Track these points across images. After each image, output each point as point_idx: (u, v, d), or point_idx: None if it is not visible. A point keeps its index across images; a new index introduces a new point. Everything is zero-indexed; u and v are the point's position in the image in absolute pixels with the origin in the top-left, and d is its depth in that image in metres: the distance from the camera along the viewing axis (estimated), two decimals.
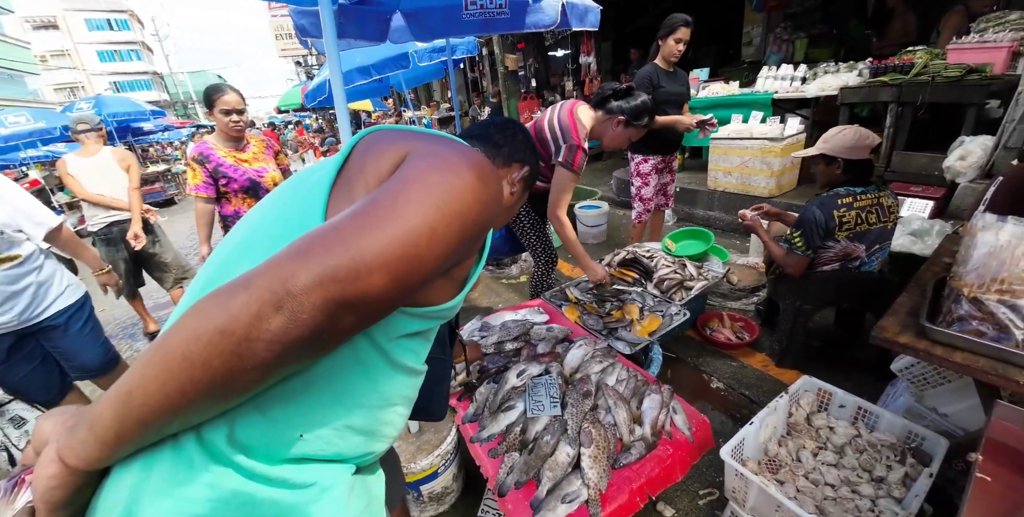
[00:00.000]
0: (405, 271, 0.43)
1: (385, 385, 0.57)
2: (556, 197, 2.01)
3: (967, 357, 0.99)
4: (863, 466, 1.29)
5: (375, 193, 0.46)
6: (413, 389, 0.64)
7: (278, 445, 0.51)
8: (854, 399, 1.43)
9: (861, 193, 1.85)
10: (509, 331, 1.80)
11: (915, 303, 1.22)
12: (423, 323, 0.58)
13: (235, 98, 2.19)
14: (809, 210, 1.86)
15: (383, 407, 0.59)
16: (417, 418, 0.94)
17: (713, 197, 4.28)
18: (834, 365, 2.20)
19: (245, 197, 2.33)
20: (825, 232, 1.86)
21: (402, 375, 0.59)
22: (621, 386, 1.54)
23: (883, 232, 1.89)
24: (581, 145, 1.90)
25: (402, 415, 0.62)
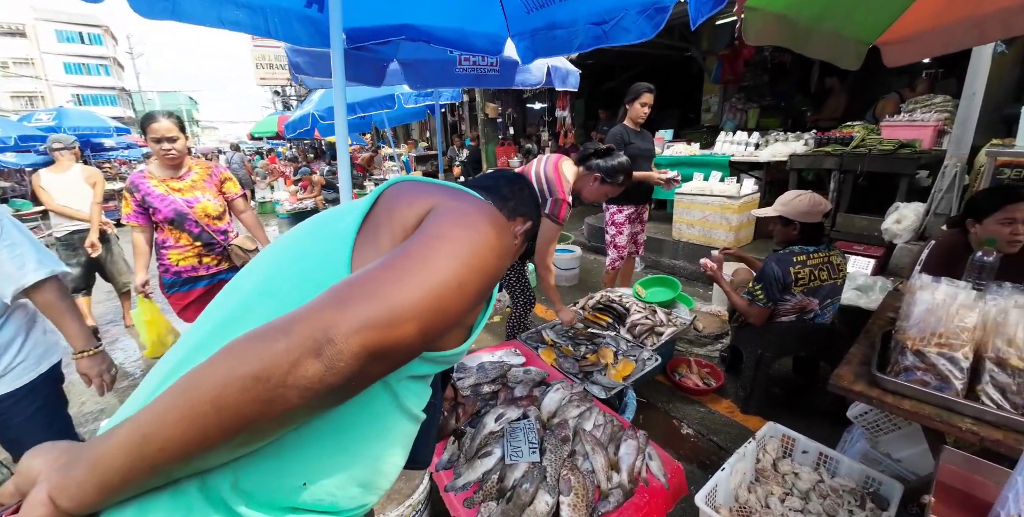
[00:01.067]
0: (434, 321, 0.46)
1: (389, 431, 0.58)
2: (543, 247, 2.12)
3: (915, 405, 1.08)
4: (827, 511, 1.34)
5: (405, 246, 0.50)
6: (410, 438, 0.64)
7: (281, 494, 0.50)
8: (815, 445, 1.50)
9: (813, 252, 2.03)
10: (487, 373, 1.80)
11: (865, 354, 1.33)
12: (432, 367, 0.60)
13: (165, 125, 2.09)
14: (768, 265, 2.03)
15: (383, 457, 0.59)
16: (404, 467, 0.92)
17: (678, 247, 4.53)
18: (795, 411, 2.29)
19: (171, 228, 2.21)
20: (783, 286, 2.02)
21: (405, 420, 0.60)
22: (598, 431, 1.55)
23: (834, 287, 2.06)
24: (565, 199, 2.03)
25: (397, 466, 0.62)
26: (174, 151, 2.14)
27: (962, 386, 1.09)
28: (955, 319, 1.17)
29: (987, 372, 1.09)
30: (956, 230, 1.99)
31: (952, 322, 1.18)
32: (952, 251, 1.95)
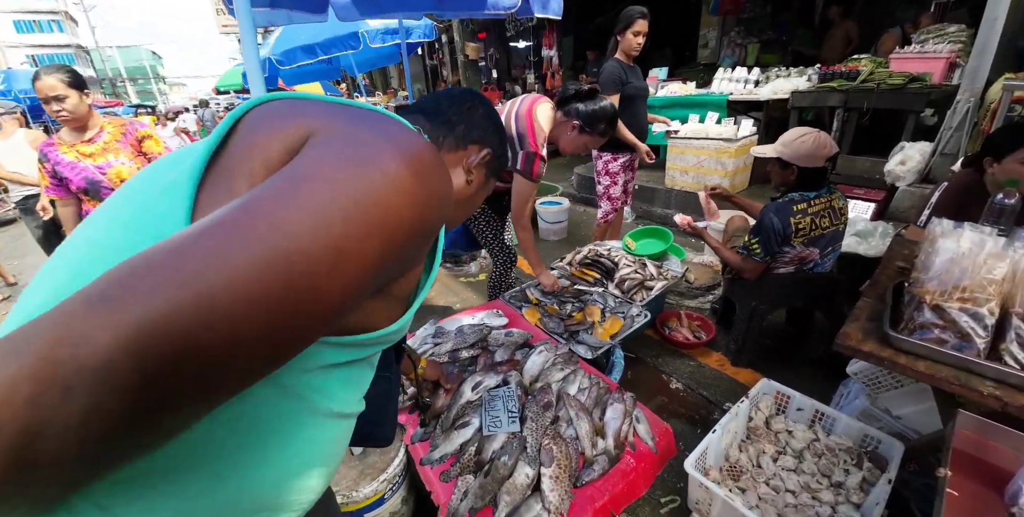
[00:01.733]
0: (292, 315, 0.29)
1: (299, 441, 0.44)
2: (518, 206, 1.91)
3: (930, 366, 0.98)
4: (822, 471, 1.28)
5: (252, 194, 0.32)
6: (340, 438, 0.51)
7: None
8: (811, 402, 1.43)
9: (815, 198, 1.86)
10: (465, 337, 1.68)
11: (875, 309, 1.21)
12: (353, 352, 0.46)
13: (49, 83, 1.80)
14: (766, 217, 1.86)
15: (295, 473, 0.45)
16: (359, 445, 0.81)
17: (670, 195, 4.33)
18: (787, 363, 2.25)
19: (89, 199, 2.00)
20: (782, 238, 1.86)
21: (323, 421, 0.46)
22: (583, 395, 1.46)
23: (836, 234, 1.92)
24: (539, 153, 1.77)
25: (319, 477, 0.49)
26: (64, 112, 1.85)
27: (984, 345, 0.97)
28: (982, 270, 1.04)
29: (1013, 329, 0.97)
30: (971, 170, 1.83)
31: (978, 274, 1.04)
32: (967, 193, 1.80)
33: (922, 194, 3.25)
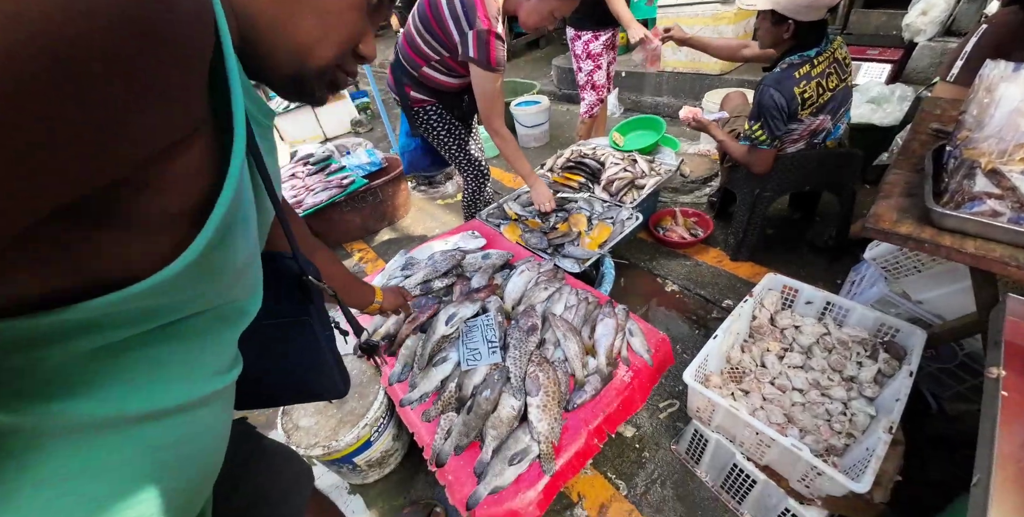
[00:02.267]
0: None
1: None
2: (484, 106, 1.55)
3: (981, 245, 0.79)
4: (832, 366, 1.19)
5: None
6: (180, 445, 0.36)
7: None
8: (822, 294, 1.29)
9: (817, 55, 1.52)
10: (437, 266, 1.50)
11: (909, 182, 1.00)
12: (110, 329, 0.28)
13: None
14: (766, 94, 1.53)
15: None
16: (305, 401, 0.71)
17: (661, 79, 3.84)
18: (791, 253, 2.11)
19: None
20: (788, 115, 1.56)
21: (114, 436, 0.30)
22: (571, 313, 1.33)
23: (846, 92, 1.62)
24: (492, 29, 1.37)
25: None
26: None
27: None
28: None
29: None
30: (1013, 9, 1.49)
31: None
32: (1009, 35, 1.48)
33: (945, 49, 2.82)
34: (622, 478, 1.34)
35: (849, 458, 0.98)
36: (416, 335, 1.30)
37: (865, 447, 0.93)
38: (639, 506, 1.26)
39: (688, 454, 1.33)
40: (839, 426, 1.06)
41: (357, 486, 1.40)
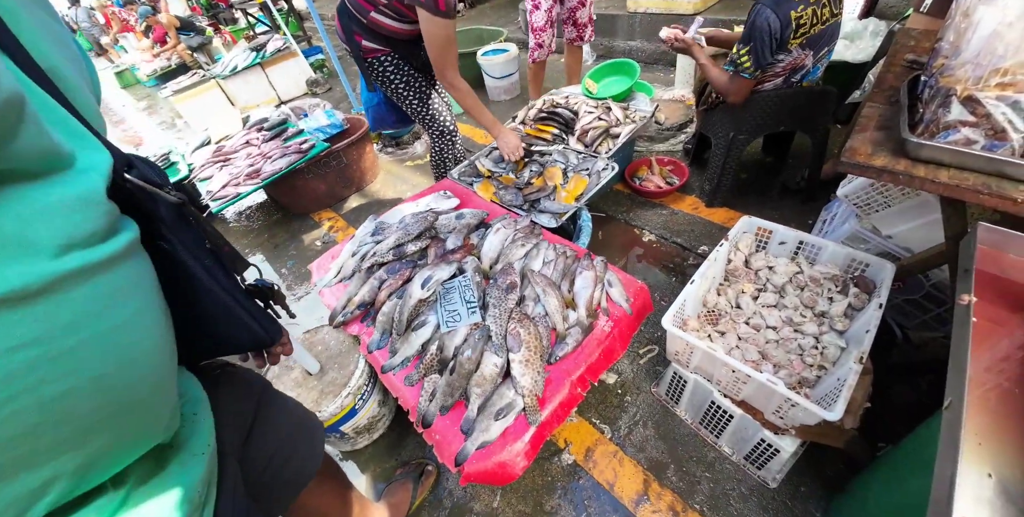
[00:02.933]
0: None
1: None
2: (436, 55, 1.43)
3: (955, 174, 0.79)
4: (805, 303, 1.22)
5: None
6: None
7: None
8: (795, 233, 1.30)
9: None
10: (408, 229, 1.45)
11: (884, 115, 0.97)
12: None
13: None
14: (762, 15, 1.43)
15: None
16: (223, 354, 0.64)
17: (634, 21, 3.65)
18: (764, 196, 2.11)
19: None
20: (779, 42, 1.48)
21: None
22: (549, 269, 1.31)
23: (834, 30, 1.55)
24: None
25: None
26: None
27: (1022, 142, 0.77)
28: None
29: None
30: None
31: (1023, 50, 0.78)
32: None
33: None
34: (606, 422, 1.39)
35: (820, 389, 1.02)
36: (392, 301, 1.27)
37: (836, 377, 0.97)
38: (623, 447, 1.32)
39: (668, 395, 1.38)
40: (811, 359, 1.10)
41: (348, 453, 1.43)
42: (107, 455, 0.38)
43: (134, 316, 0.38)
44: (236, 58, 4.21)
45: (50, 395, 0.31)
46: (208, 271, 0.50)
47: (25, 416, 0.30)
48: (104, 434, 0.37)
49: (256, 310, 0.59)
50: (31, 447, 0.32)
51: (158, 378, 0.41)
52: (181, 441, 0.49)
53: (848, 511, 1.02)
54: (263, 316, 0.61)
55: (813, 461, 1.18)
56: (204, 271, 0.50)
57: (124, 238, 0.38)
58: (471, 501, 1.27)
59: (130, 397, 0.38)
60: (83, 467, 0.36)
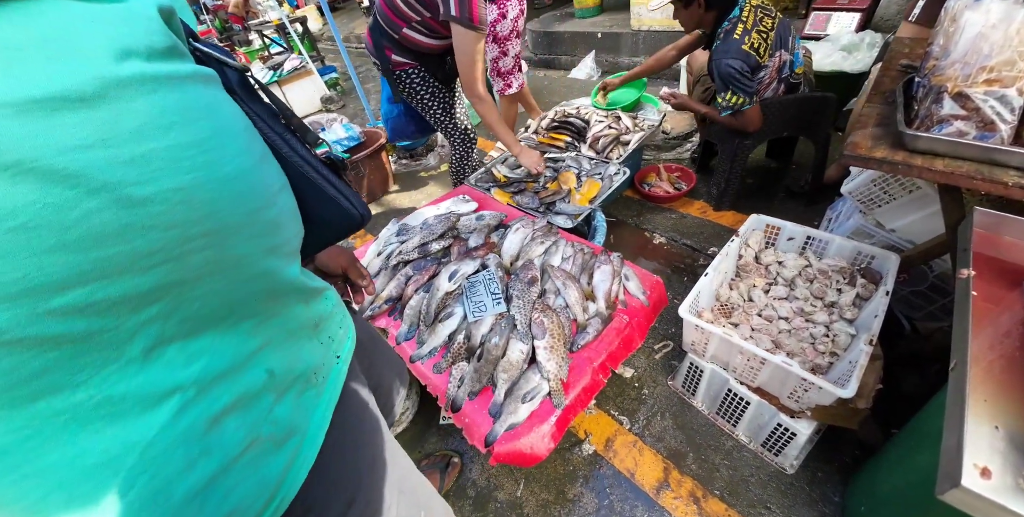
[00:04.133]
0: None
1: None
2: (466, 69, 1.51)
3: (949, 163, 0.85)
4: (815, 294, 1.27)
5: None
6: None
7: None
8: (802, 229, 1.36)
9: (740, 12, 1.56)
10: (432, 229, 1.52)
11: (882, 113, 1.05)
12: None
13: None
14: (722, 66, 1.56)
15: None
16: (322, 239, 0.58)
17: (638, 39, 3.80)
18: (770, 199, 2.18)
19: None
20: (751, 70, 1.60)
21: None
22: (568, 264, 1.38)
23: (783, 24, 1.66)
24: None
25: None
26: None
27: (1010, 132, 0.84)
28: (1012, 44, 0.85)
29: None
30: None
31: (1007, 49, 0.86)
32: None
33: None
34: (625, 414, 1.43)
35: (833, 373, 1.07)
36: (419, 295, 1.33)
37: (848, 360, 1.02)
38: (642, 437, 1.36)
39: (684, 387, 1.42)
40: (823, 347, 1.14)
41: None
42: (213, 275, 0.38)
43: (211, 137, 0.36)
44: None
45: (129, 198, 0.31)
46: (286, 142, 0.48)
47: (110, 214, 0.30)
48: (203, 250, 0.36)
49: (340, 183, 0.55)
50: (128, 248, 0.31)
51: (255, 205, 0.40)
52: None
53: (862, 492, 1.05)
54: (348, 190, 0.56)
55: (829, 448, 1.21)
56: (283, 141, 0.48)
57: (194, 67, 0.37)
58: (495, 490, 1.30)
59: (226, 216, 0.37)
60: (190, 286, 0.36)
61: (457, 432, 1.33)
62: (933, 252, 1.13)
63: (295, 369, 0.50)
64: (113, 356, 0.34)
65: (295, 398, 0.50)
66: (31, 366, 0.31)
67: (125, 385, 0.35)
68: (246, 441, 0.44)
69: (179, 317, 0.37)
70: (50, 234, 0.28)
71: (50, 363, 0.31)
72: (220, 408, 0.41)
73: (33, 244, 0.28)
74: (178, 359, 0.38)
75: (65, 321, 0.31)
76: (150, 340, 0.36)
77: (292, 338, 0.50)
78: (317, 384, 0.53)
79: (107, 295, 0.32)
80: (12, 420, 0.32)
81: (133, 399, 0.36)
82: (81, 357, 0.33)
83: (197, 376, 0.39)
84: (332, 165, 0.55)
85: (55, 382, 0.32)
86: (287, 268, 0.48)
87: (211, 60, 0.43)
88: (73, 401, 0.33)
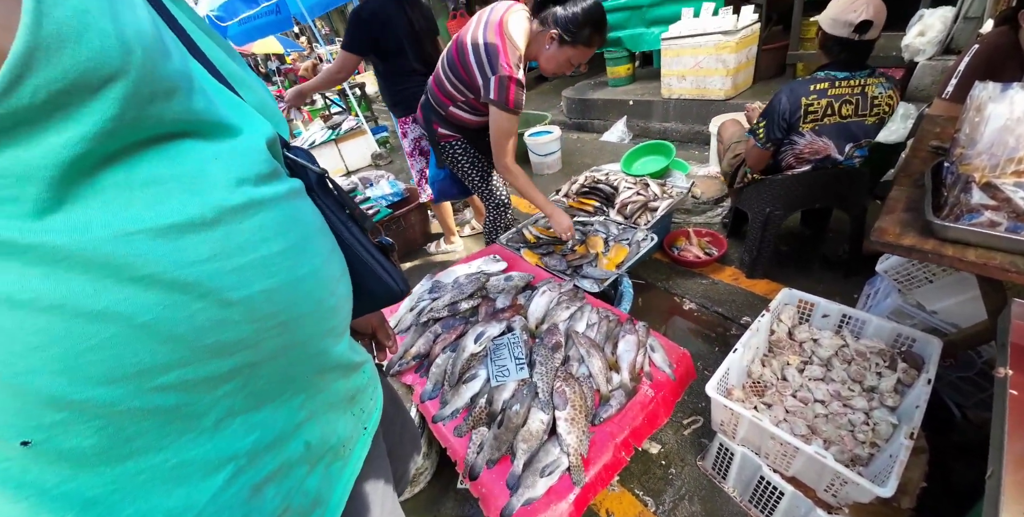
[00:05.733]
0: None
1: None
2: (496, 144, 1.65)
3: (982, 254, 0.84)
4: (853, 377, 1.22)
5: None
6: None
7: None
8: (838, 307, 1.33)
9: (844, 79, 1.61)
10: (463, 288, 1.58)
11: (910, 197, 1.06)
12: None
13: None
14: (778, 96, 1.65)
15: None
16: (365, 308, 0.64)
17: (668, 106, 3.99)
18: (805, 268, 2.14)
19: None
20: (788, 124, 1.66)
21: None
22: (593, 331, 1.38)
23: (862, 127, 1.67)
24: (513, 76, 1.48)
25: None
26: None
27: None
28: None
29: None
30: (1004, 29, 1.59)
31: None
32: (1000, 54, 1.58)
33: (945, 67, 2.91)
34: (650, 495, 1.35)
35: (874, 467, 0.99)
36: (445, 354, 1.37)
37: (888, 454, 0.95)
38: None
39: (715, 469, 1.34)
40: (863, 436, 1.07)
41: None
42: (280, 357, 0.44)
43: (295, 245, 0.44)
44: (315, 135, 4.84)
45: (228, 300, 0.38)
46: (348, 229, 0.57)
47: (210, 313, 0.37)
48: (277, 337, 0.43)
49: (388, 264, 0.63)
50: (218, 339, 0.38)
51: (321, 296, 0.48)
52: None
53: None
54: (394, 270, 0.64)
55: None
56: (345, 229, 0.57)
57: (288, 185, 0.46)
58: None
59: (298, 308, 0.45)
60: (257, 368, 0.42)
61: (475, 499, 1.29)
62: (979, 338, 1.07)
63: (329, 441, 0.54)
64: (192, 426, 0.40)
65: (324, 470, 0.53)
66: (129, 431, 0.37)
67: (195, 451, 0.41)
68: (279, 509, 0.47)
69: (247, 393, 0.43)
70: (164, 329, 0.35)
71: (143, 429, 0.37)
72: (263, 477, 0.45)
73: (151, 336, 0.35)
74: (240, 430, 0.43)
75: (162, 396, 0.37)
76: (222, 413, 0.41)
77: (331, 411, 0.54)
78: (344, 456, 0.57)
79: (196, 376, 0.38)
80: (105, 475, 0.37)
81: (199, 464, 0.41)
82: (168, 426, 0.39)
83: (250, 446, 0.44)
84: (382, 248, 0.65)
85: (144, 445, 0.38)
86: (338, 345, 0.53)
87: (298, 165, 0.53)
88: (154, 462, 0.39)
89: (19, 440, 0.34)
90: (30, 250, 0.30)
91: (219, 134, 0.40)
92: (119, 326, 0.33)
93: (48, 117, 0.29)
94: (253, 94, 0.51)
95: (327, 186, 0.58)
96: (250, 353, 0.41)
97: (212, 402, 0.40)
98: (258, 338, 0.42)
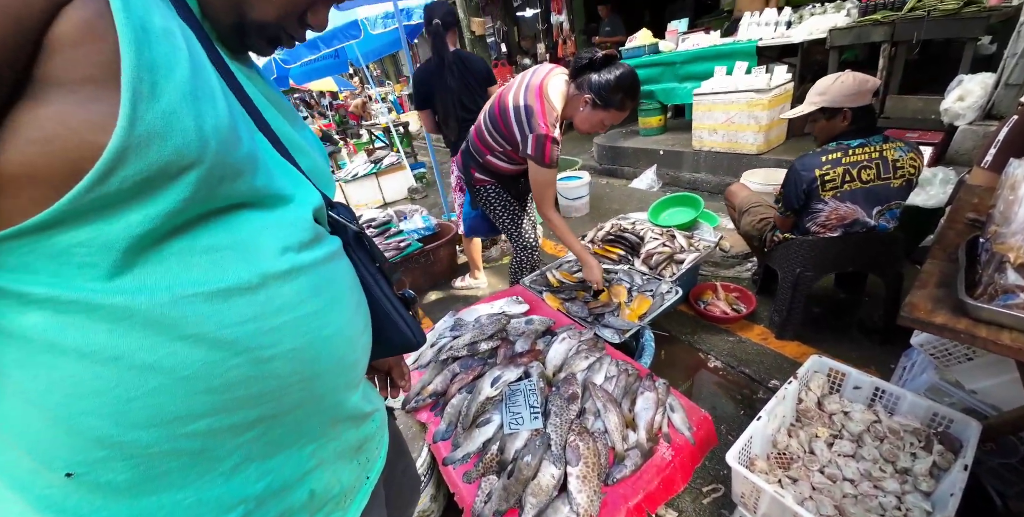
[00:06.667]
0: None
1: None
2: (539, 194, 1.76)
3: (1017, 337, 0.82)
4: (885, 456, 1.15)
5: None
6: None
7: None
8: (870, 380, 1.27)
9: (858, 146, 1.64)
10: (483, 329, 1.61)
11: (944, 272, 1.04)
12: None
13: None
14: (793, 169, 1.73)
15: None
16: (381, 354, 0.67)
17: (698, 158, 4.06)
18: (838, 332, 2.06)
19: None
20: (806, 194, 1.71)
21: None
22: (611, 384, 1.37)
23: (887, 190, 1.67)
24: (550, 135, 1.59)
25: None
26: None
27: None
28: None
29: None
30: None
31: None
32: None
33: (986, 132, 2.88)
34: None
35: None
36: (461, 394, 1.37)
37: None
38: None
39: None
40: None
41: None
42: (299, 409, 0.47)
43: (326, 306, 0.48)
44: (358, 168, 5.13)
45: (261, 357, 0.42)
46: (376, 282, 0.61)
47: (243, 369, 0.41)
48: (298, 391, 0.46)
49: (408, 317, 0.67)
50: (247, 392, 0.42)
51: (343, 353, 0.51)
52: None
53: None
54: (413, 323, 0.68)
55: None
56: (374, 282, 0.61)
57: (327, 249, 0.50)
58: None
59: (320, 365, 0.48)
60: (277, 416, 0.45)
61: None
62: (1021, 423, 1.01)
63: (332, 491, 0.55)
64: (212, 467, 0.43)
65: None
66: (158, 470, 0.41)
67: (212, 492, 0.44)
68: None
69: (265, 441, 0.46)
70: (202, 382, 0.40)
71: (170, 469, 0.41)
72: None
73: (191, 387, 0.39)
74: (253, 475, 0.46)
75: (191, 441, 0.41)
76: (239, 458, 0.45)
77: (338, 460, 0.56)
78: (344, 506, 0.58)
79: (223, 424, 0.42)
80: (133, 507, 0.41)
81: (213, 504, 0.44)
82: (192, 467, 0.42)
83: (261, 491, 0.47)
84: (404, 301, 0.69)
85: (168, 483, 0.42)
86: (353, 396, 0.57)
87: (339, 224, 0.59)
88: (176, 498, 0.42)
89: (65, 471, 0.38)
90: (100, 309, 0.35)
91: (273, 204, 0.45)
92: (165, 378, 0.38)
93: (131, 199, 0.33)
94: (308, 159, 0.57)
95: (363, 242, 0.63)
96: (273, 405, 0.45)
97: (233, 448, 0.44)
98: (281, 392, 0.45)
